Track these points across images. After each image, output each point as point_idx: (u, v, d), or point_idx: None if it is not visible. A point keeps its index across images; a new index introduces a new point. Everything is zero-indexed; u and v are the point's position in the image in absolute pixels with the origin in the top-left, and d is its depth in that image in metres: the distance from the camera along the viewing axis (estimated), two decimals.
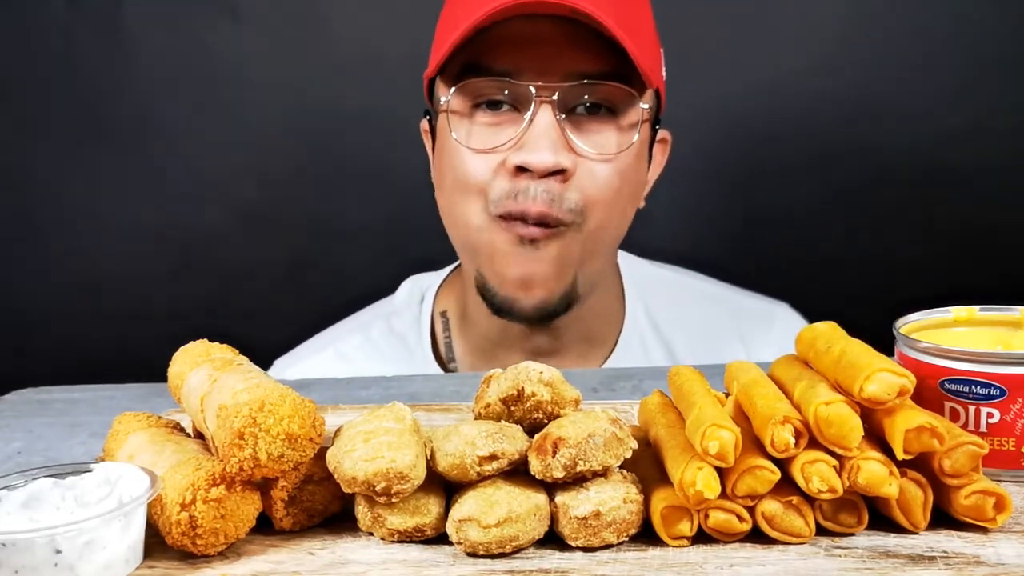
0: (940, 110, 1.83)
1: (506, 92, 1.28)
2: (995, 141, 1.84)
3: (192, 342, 1.00)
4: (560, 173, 1.26)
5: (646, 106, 1.31)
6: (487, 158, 1.29)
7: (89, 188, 1.91)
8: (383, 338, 1.52)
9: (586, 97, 1.28)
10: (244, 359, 0.95)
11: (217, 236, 1.92)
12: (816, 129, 1.85)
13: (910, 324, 0.97)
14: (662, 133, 1.44)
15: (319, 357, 1.53)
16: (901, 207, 1.86)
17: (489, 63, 1.27)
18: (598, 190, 1.29)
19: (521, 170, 1.26)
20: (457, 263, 1.52)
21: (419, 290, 1.56)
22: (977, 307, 0.99)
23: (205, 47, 1.87)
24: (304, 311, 1.67)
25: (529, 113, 1.26)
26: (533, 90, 1.25)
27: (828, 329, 0.91)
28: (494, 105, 1.30)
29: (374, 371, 1.47)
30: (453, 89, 1.30)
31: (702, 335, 1.51)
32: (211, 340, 1.00)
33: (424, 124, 1.45)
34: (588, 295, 1.38)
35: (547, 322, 1.37)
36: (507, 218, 1.28)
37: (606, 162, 1.29)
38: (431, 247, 1.62)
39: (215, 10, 1.86)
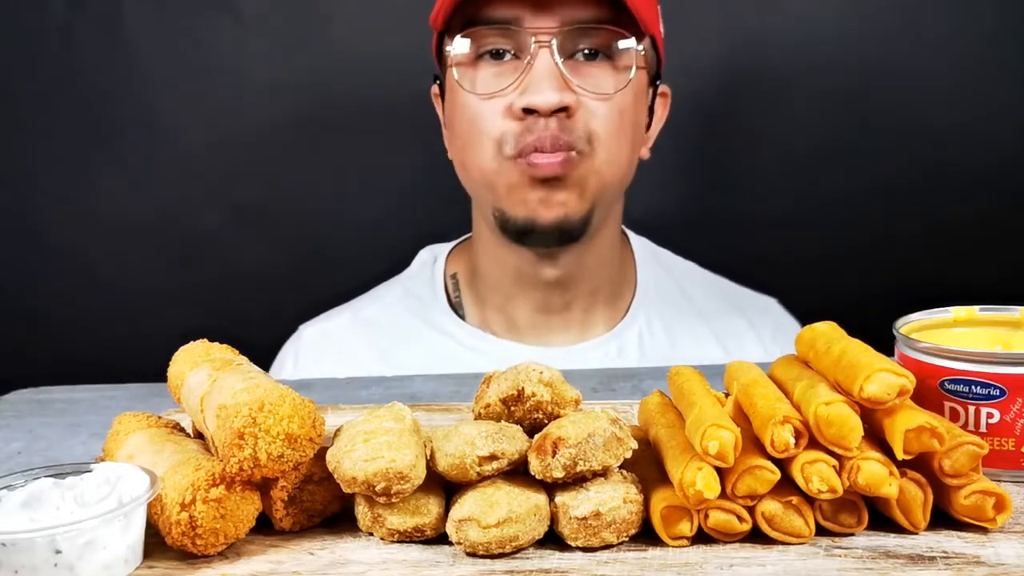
0: (940, 108, 1.83)
1: (508, 40, 1.35)
2: (995, 141, 1.84)
3: (192, 342, 1.00)
4: (564, 111, 1.33)
5: (641, 48, 1.37)
6: (494, 103, 1.36)
7: (89, 188, 1.91)
8: (399, 301, 1.59)
9: (582, 44, 1.35)
10: (244, 359, 0.95)
11: (217, 236, 1.92)
12: (814, 129, 1.85)
13: (910, 324, 0.97)
14: (662, 88, 1.51)
15: (340, 318, 1.61)
16: (901, 206, 1.86)
17: (489, 13, 1.35)
18: (599, 124, 1.36)
19: (527, 112, 1.33)
20: (467, 235, 1.58)
21: (432, 256, 1.62)
22: (977, 307, 0.99)
23: (205, 47, 1.87)
24: (304, 310, 1.67)
25: (529, 58, 1.33)
26: (532, 36, 1.32)
27: (828, 329, 0.91)
28: (497, 56, 1.37)
29: (393, 331, 1.54)
30: (458, 39, 1.37)
31: (712, 311, 1.58)
32: (211, 340, 1.00)
33: (435, 89, 1.52)
34: (598, 229, 1.44)
35: (565, 244, 1.42)
36: (523, 154, 1.34)
37: (605, 100, 1.36)
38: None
39: (215, 10, 1.86)
